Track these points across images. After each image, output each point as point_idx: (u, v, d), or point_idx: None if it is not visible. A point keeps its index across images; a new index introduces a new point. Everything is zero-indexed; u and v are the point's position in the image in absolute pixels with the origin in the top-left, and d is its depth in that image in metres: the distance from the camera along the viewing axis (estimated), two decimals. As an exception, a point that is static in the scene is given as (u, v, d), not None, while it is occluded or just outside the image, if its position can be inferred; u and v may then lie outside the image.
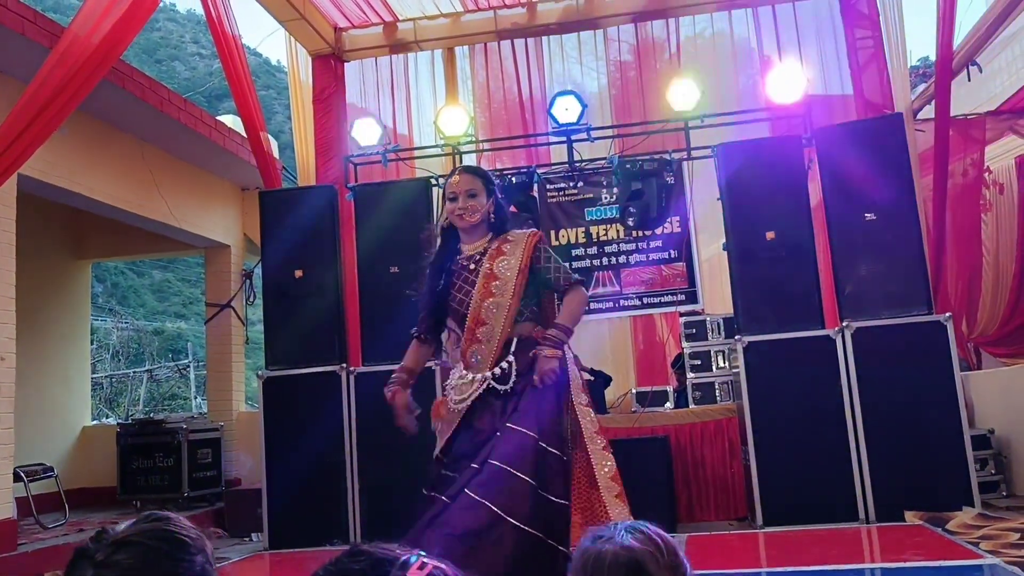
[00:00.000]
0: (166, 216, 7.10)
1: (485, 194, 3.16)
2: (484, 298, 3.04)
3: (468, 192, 3.13)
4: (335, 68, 7.29)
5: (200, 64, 31.13)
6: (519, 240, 3.13)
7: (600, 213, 6.50)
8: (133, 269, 23.51)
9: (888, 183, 5.08)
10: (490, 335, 3.02)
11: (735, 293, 5.29)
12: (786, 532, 4.71)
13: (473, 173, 3.23)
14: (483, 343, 3.02)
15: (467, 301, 3.06)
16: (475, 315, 3.04)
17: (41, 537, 5.52)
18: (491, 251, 3.11)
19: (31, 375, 7.05)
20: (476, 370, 3.02)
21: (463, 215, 3.13)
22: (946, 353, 4.82)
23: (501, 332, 3.01)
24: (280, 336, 5.61)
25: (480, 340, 3.03)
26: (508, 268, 3.06)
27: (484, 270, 3.07)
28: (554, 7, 7.16)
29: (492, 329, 3.02)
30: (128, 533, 1.10)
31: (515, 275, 3.04)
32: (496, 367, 2.98)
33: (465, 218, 3.13)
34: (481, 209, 3.14)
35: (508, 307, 3.03)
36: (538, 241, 3.14)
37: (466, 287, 3.09)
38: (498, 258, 3.09)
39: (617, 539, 1.22)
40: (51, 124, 4.36)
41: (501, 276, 3.05)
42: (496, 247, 3.12)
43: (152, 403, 17.00)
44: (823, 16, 6.88)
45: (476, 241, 3.17)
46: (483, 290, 3.05)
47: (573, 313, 3.10)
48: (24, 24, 4.99)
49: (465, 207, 3.12)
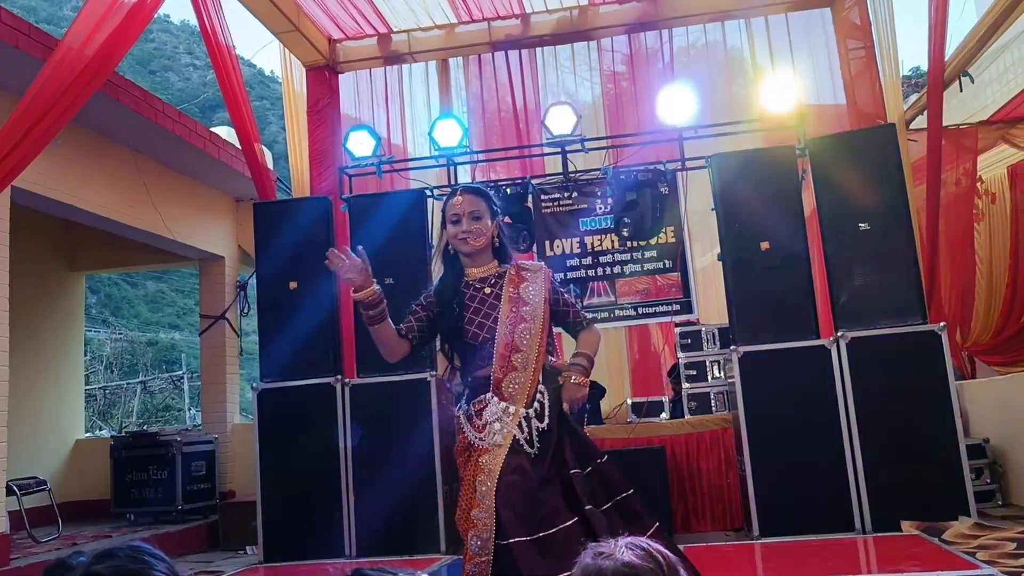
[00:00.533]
0: (160, 228, 7.09)
1: (489, 216, 2.94)
2: (516, 323, 2.83)
3: (472, 214, 2.91)
4: (329, 79, 7.29)
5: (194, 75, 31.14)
6: (535, 271, 2.97)
7: (595, 223, 6.51)
8: (127, 280, 23.45)
9: (881, 193, 5.10)
10: (526, 362, 2.81)
11: (730, 303, 5.29)
12: (782, 543, 4.70)
13: (476, 194, 2.99)
14: (519, 371, 2.80)
15: (492, 328, 2.84)
16: (508, 341, 2.82)
17: (34, 551, 5.49)
18: (511, 275, 2.93)
19: (24, 387, 7.02)
20: (513, 401, 2.78)
21: (467, 239, 2.90)
22: (941, 362, 4.82)
23: (536, 359, 2.83)
24: (275, 348, 5.59)
25: (516, 368, 2.80)
26: (535, 295, 2.89)
27: (508, 295, 2.87)
28: (548, 18, 7.18)
29: (528, 356, 2.82)
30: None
31: (542, 302, 2.89)
32: (534, 401, 2.80)
33: (470, 242, 2.90)
34: (486, 232, 2.92)
35: (540, 334, 2.86)
36: (552, 276, 3.02)
37: (488, 312, 2.87)
38: (521, 284, 2.91)
39: (618, 555, 1.22)
40: (45, 137, 4.35)
41: (530, 302, 2.87)
42: (516, 272, 2.95)
43: (146, 415, 16.93)
44: (815, 27, 6.92)
45: (484, 265, 2.97)
46: (513, 315, 2.84)
47: (593, 347, 2.99)
48: (18, 37, 4.99)
49: (470, 230, 2.89)
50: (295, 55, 7.12)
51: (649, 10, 7.03)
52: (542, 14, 7.16)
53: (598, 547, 1.26)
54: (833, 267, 5.15)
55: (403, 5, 6.92)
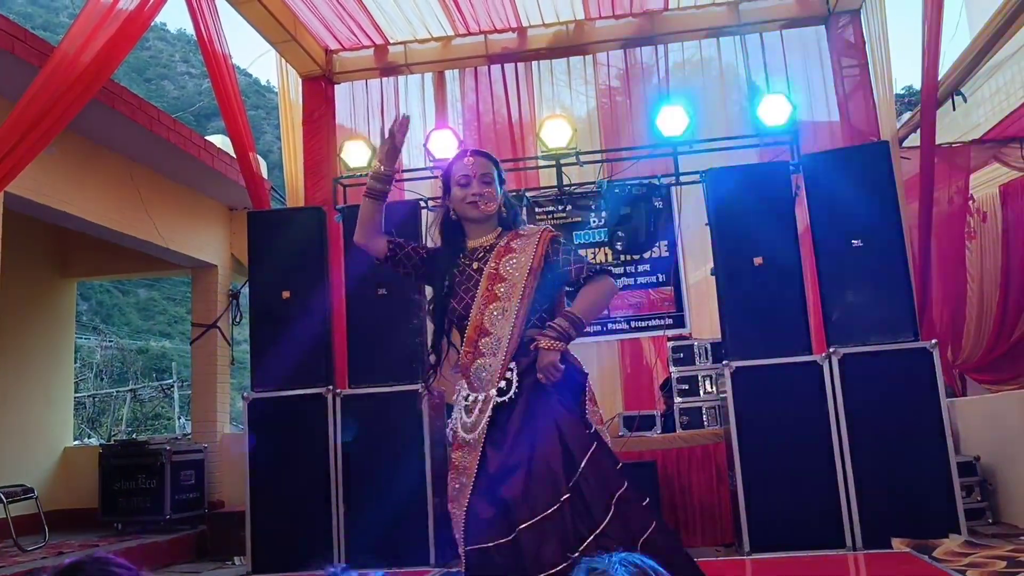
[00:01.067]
0: (153, 236, 7.07)
1: (498, 183, 2.71)
2: (488, 303, 2.57)
3: (484, 177, 2.67)
4: (325, 90, 7.30)
5: (189, 83, 31.15)
6: (532, 235, 2.65)
7: (588, 237, 6.52)
8: (118, 287, 23.37)
9: (874, 210, 5.12)
10: (496, 347, 2.54)
11: (723, 318, 5.30)
12: (773, 559, 4.70)
13: (487, 157, 2.75)
14: (487, 356, 2.55)
15: (470, 306, 2.61)
16: (477, 323, 2.57)
17: (19, 560, 5.43)
18: (499, 248, 2.64)
19: (13, 393, 6.98)
20: (482, 389, 2.55)
21: (477, 202, 2.64)
22: (932, 379, 4.83)
23: (509, 342, 2.53)
24: (266, 357, 5.58)
25: (484, 353, 2.55)
26: (517, 268, 2.59)
27: (489, 270, 2.60)
28: (544, 32, 7.21)
29: (498, 340, 2.54)
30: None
31: (524, 275, 2.57)
32: (501, 381, 2.52)
33: (481, 207, 2.65)
34: (497, 197, 2.68)
35: (516, 312, 2.55)
36: (555, 236, 2.66)
37: (470, 288, 2.63)
38: (506, 256, 2.61)
39: (611, 572, 1.21)
40: (39, 143, 4.34)
41: (508, 277, 2.58)
42: (505, 243, 2.65)
43: (135, 423, 16.84)
44: (810, 44, 6.97)
45: (484, 235, 2.70)
46: (487, 294, 2.58)
47: (589, 303, 2.57)
48: (14, 43, 4.98)
49: (481, 193, 2.64)
50: (291, 65, 7.13)
51: (645, 26, 7.07)
52: (539, 28, 7.19)
53: (591, 561, 1.25)
54: (826, 283, 5.17)
55: (400, 17, 6.95)
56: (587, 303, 2.57)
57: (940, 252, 6.48)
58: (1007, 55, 7.08)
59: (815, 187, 5.29)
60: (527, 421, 2.48)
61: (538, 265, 2.59)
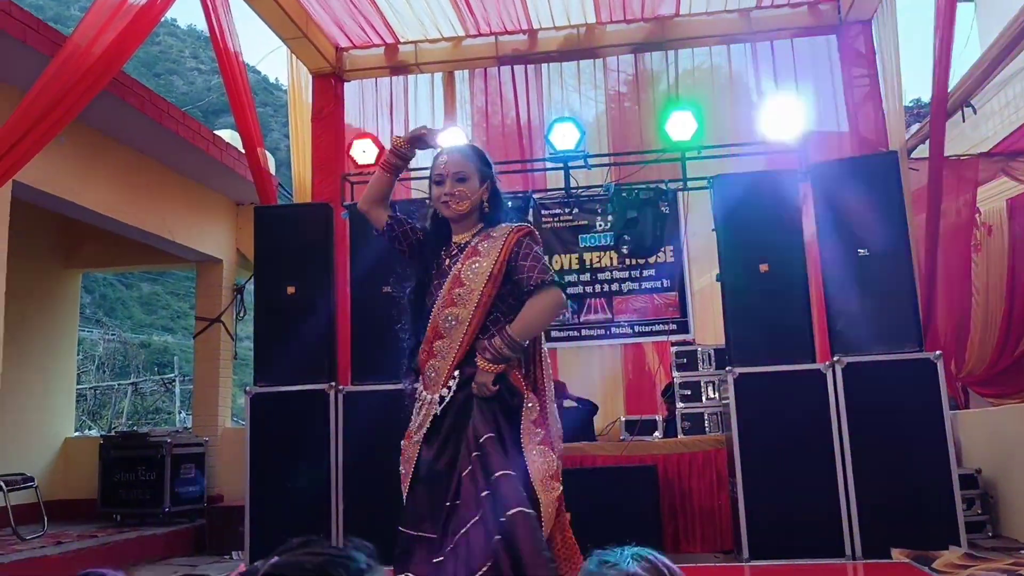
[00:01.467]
0: (159, 228, 7.09)
1: (478, 178, 2.70)
2: (445, 306, 2.60)
3: (457, 175, 2.67)
4: (335, 87, 7.32)
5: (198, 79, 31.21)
6: (500, 237, 2.63)
7: (594, 240, 6.52)
8: (122, 281, 23.41)
9: (881, 220, 5.12)
10: (446, 351, 2.59)
11: (727, 324, 5.30)
12: (772, 566, 4.69)
13: (464, 154, 2.75)
14: (438, 359, 2.61)
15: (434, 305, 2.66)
16: (434, 324, 2.61)
17: (18, 548, 5.44)
18: (469, 248, 2.66)
19: (15, 383, 6.98)
20: (430, 390, 2.63)
21: (448, 203, 2.67)
22: (936, 391, 4.82)
23: (458, 350, 2.57)
24: (269, 352, 5.58)
25: (436, 355, 2.62)
26: (477, 273, 2.59)
27: (453, 272, 2.62)
28: (555, 35, 7.22)
29: (449, 345, 2.59)
30: None
31: (483, 282, 2.57)
32: (444, 387, 2.59)
33: (451, 206, 2.67)
34: (471, 196, 2.67)
35: (469, 321, 2.57)
36: (523, 236, 2.63)
37: (440, 286, 2.67)
38: (471, 259, 2.62)
39: (623, 566, 1.21)
40: (49, 133, 4.35)
41: (467, 283, 2.59)
42: (475, 244, 2.66)
43: (136, 416, 16.86)
44: (820, 53, 6.98)
45: (464, 232, 2.72)
46: (446, 296, 2.61)
47: (526, 322, 2.55)
48: (27, 32, 5.00)
49: (452, 193, 2.66)
50: (302, 62, 7.14)
51: (655, 31, 7.08)
52: (549, 30, 7.20)
53: (603, 554, 1.25)
54: (831, 292, 5.17)
55: (411, 16, 6.96)
56: (524, 321, 2.56)
57: (946, 264, 6.46)
58: (1018, 68, 7.07)
59: (823, 196, 5.29)
60: (453, 433, 2.56)
61: (499, 271, 2.59)
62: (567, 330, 6.69)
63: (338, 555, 0.87)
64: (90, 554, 5.49)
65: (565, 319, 6.56)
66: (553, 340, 6.55)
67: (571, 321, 6.61)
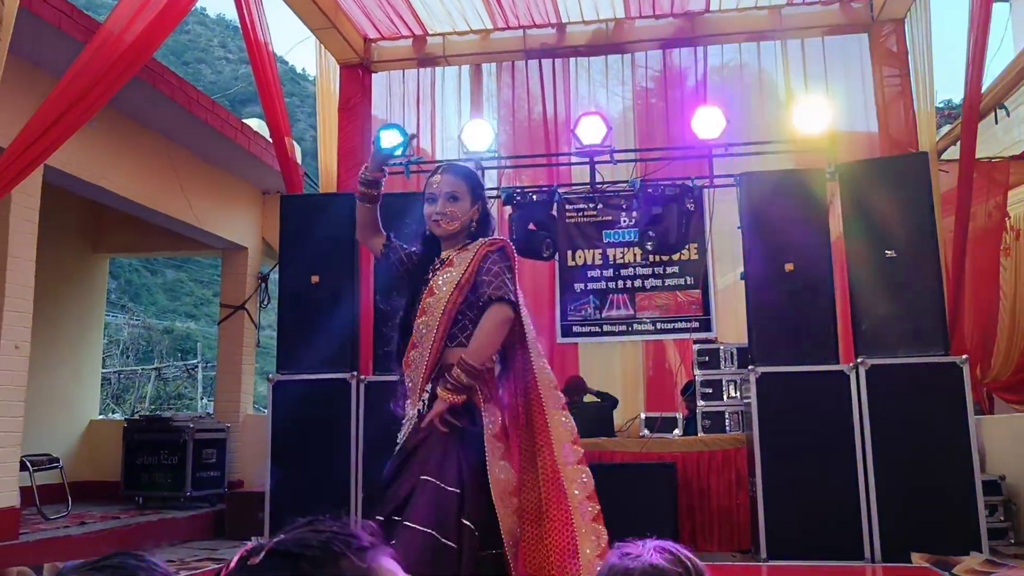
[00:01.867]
0: (186, 215, 7.14)
1: (469, 199, 2.73)
2: (419, 316, 2.66)
3: (449, 195, 2.70)
4: (362, 78, 7.34)
5: (226, 68, 31.40)
6: (472, 249, 2.69)
7: (618, 236, 6.50)
8: (147, 267, 23.63)
9: (910, 221, 5.08)
10: (420, 362, 2.63)
11: (750, 323, 5.28)
12: (790, 567, 4.67)
13: (456, 174, 2.78)
14: (414, 368, 2.66)
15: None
16: (413, 336, 2.68)
17: (43, 528, 5.53)
18: (447, 262, 2.71)
19: (43, 365, 7.08)
20: (411, 401, 2.68)
21: (439, 221, 2.70)
22: (960, 395, 4.78)
23: (429, 359, 2.60)
24: (292, 340, 5.62)
25: (411, 364, 2.67)
26: (447, 282, 2.64)
27: (430, 284, 2.69)
28: (584, 29, 7.20)
29: (421, 354, 2.63)
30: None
31: (450, 291, 2.62)
32: (419, 402, 2.61)
33: (442, 225, 2.70)
34: (461, 216, 2.70)
35: (436, 328, 2.61)
36: (492, 249, 2.66)
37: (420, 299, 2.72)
38: (446, 270, 2.68)
39: (646, 557, 1.21)
40: (80, 118, 4.40)
41: (437, 291, 2.65)
42: (452, 257, 2.71)
43: (158, 401, 17.03)
44: (851, 52, 6.91)
45: (450, 249, 2.75)
46: (421, 306, 2.67)
47: (479, 341, 2.56)
48: (61, 18, 5.05)
49: (443, 212, 2.69)
50: (330, 52, 7.17)
51: (685, 27, 7.04)
52: (578, 24, 7.18)
53: (625, 547, 1.25)
54: (857, 293, 5.13)
55: (440, 8, 6.97)
56: (476, 343, 2.57)
57: (974, 267, 6.38)
58: (1053, 71, 6.96)
59: (850, 196, 5.25)
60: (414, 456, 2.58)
61: (467, 281, 2.62)
62: (589, 325, 6.68)
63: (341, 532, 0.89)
64: (112, 535, 5.56)
65: (587, 314, 6.55)
66: (574, 335, 6.55)
67: (593, 317, 6.60)
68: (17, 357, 5.22)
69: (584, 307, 6.65)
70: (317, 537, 0.87)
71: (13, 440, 5.16)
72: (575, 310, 6.64)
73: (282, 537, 0.89)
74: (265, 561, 0.85)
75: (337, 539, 0.87)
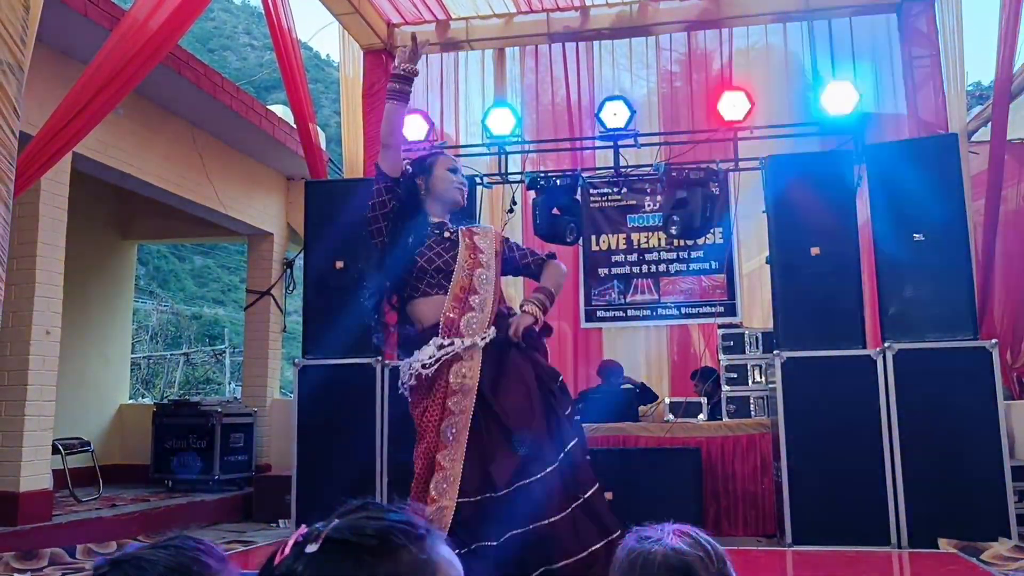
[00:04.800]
0: (213, 201, 7.20)
1: None
2: (475, 267, 2.97)
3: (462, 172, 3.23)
4: (386, 63, 7.33)
5: (251, 55, 31.51)
6: (487, 233, 3.13)
7: (643, 220, 6.48)
8: (175, 253, 23.85)
9: (939, 204, 5.00)
10: (483, 304, 2.94)
11: (776, 308, 5.24)
12: (815, 552, 4.65)
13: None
14: (477, 311, 2.93)
15: (449, 262, 2.96)
16: (466, 283, 2.95)
17: (75, 509, 5.63)
18: (462, 230, 3.07)
19: (73, 350, 7.18)
20: (470, 336, 2.89)
21: (464, 190, 3.17)
22: (990, 380, 4.73)
23: (493, 304, 2.96)
24: (318, 326, 5.66)
25: (474, 308, 2.93)
26: (488, 247, 3.04)
27: (466, 242, 3.01)
28: (607, 12, 7.15)
29: (484, 299, 2.95)
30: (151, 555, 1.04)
31: (494, 254, 3.04)
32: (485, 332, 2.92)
33: (464, 193, 3.18)
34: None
35: (495, 281, 3.00)
36: (505, 237, 3.19)
37: (446, 249, 3.00)
38: (475, 235, 3.06)
39: (666, 541, 1.21)
40: (107, 105, 4.44)
41: (486, 251, 3.02)
42: (466, 228, 3.09)
43: (187, 386, 17.24)
44: (880, 33, 6.80)
45: (436, 216, 3.11)
46: (472, 259, 2.98)
47: (555, 280, 3.11)
48: (87, 6, 5.09)
49: (464, 183, 3.18)
50: (353, 38, 7.18)
51: (710, 8, 6.96)
52: (601, 7, 7.13)
53: (643, 531, 1.25)
54: (884, 277, 5.07)
55: (463, -8, 6.94)
56: (552, 280, 3.10)
57: (1005, 251, 6.30)
58: (1087, 50, 6.82)
59: (878, 178, 5.18)
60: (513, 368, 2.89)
61: (499, 250, 3.07)
62: (613, 310, 6.68)
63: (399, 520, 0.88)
64: (142, 517, 5.65)
65: (612, 299, 6.54)
66: (599, 320, 6.55)
67: (617, 301, 6.59)
68: (48, 342, 5.30)
69: (608, 292, 6.64)
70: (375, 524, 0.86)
71: (45, 424, 5.25)
72: (599, 295, 6.63)
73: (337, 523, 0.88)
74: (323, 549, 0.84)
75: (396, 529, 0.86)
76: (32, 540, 4.71)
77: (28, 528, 4.86)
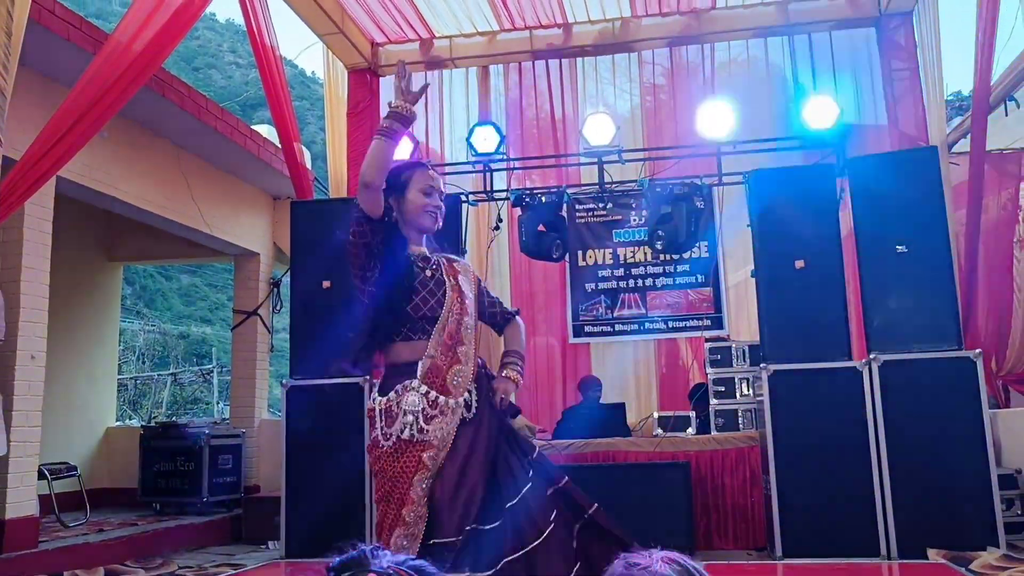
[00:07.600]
0: (198, 222, 7.19)
1: None
2: (462, 315, 2.69)
3: (441, 195, 2.80)
4: (371, 82, 7.36)
5: (236, 73, 31.55)
6: (465, 268, 2.85)
7: (628, 235, 6.51)
8: (162, 273, 23.77)
9: (921, 215, 5.05)
10: (467, 357, 2.68)
11: (762, 321, 5.26)
12: (805, 564, 4.66)
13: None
14: (463, 364, 2.66)
15: (436, 308, 2.65)
16: (453, 331, 2.66)
17: (62, 536, 5.58)
18: (444, 266, 2.76)
19: (59, 374, 7.14)
20: (454, 395, 2.61)
21: (437, 216, 2.77)
22: (975, 389, 4.76)
23: (475, 355, 2.72)
24: (305, 345, 5.64)
25: (461, 361, 2.65)
26: (470, 291, 2.77)
27: (451, 284, 2.72)
28: (590, 29, 7.20)
29: (468, 351, 2.68)
30: None
31: (474, 299, 2.79)
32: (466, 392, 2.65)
33: (439, 219, 2.78)
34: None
35: (475, 328, 2.78)
36: (478, 278, 2.94)
37: (432, 291, 2.67)
38: (457, 275, 2.77)
39: (655, 567, 1.21)
40: (91, 129, 4.44)
41: (469, 296, 2.75)
42: (447, 264, 2.78)
43: (175, 406, 17.14)
44: (859, 46, 6.87)
45: (418, 246, 2.77)
46: (459, 306, 2.70)
47: (522, 342, 2.97)
48: (69, 30, 5.09)
49: (440, 207, 2.78)
50: (338, 58, 7.20)
51: (692, 24, 7.02)
52: (584, 24, 7.18)
53: (631, 557, 1.25)
54: (868, 288, 5.11)
55: (446, 11, 6.98)
56: (522, 344, 2.96)
57: (987, 260, 6.35)
58: (1063, 61, 6.91)
59: (860, 191, 5.22)
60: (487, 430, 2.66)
61: (476, 295, 2.83)
62: (600, 325, 6.69)
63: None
64: (131, 542, 5.61)
65: (599, 314, 6.55)
66: (587, 335, 6.56)
67: (604, 316, 6.60)
68: (34, 367, 5.27)
69: (596, 307, 6.66)
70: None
71: (31, 450, 5.21)
72: (586, 310, 6.65)
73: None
74: None
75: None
76: (18, 568, 4.67)
77: (14, 556, 4.81)
